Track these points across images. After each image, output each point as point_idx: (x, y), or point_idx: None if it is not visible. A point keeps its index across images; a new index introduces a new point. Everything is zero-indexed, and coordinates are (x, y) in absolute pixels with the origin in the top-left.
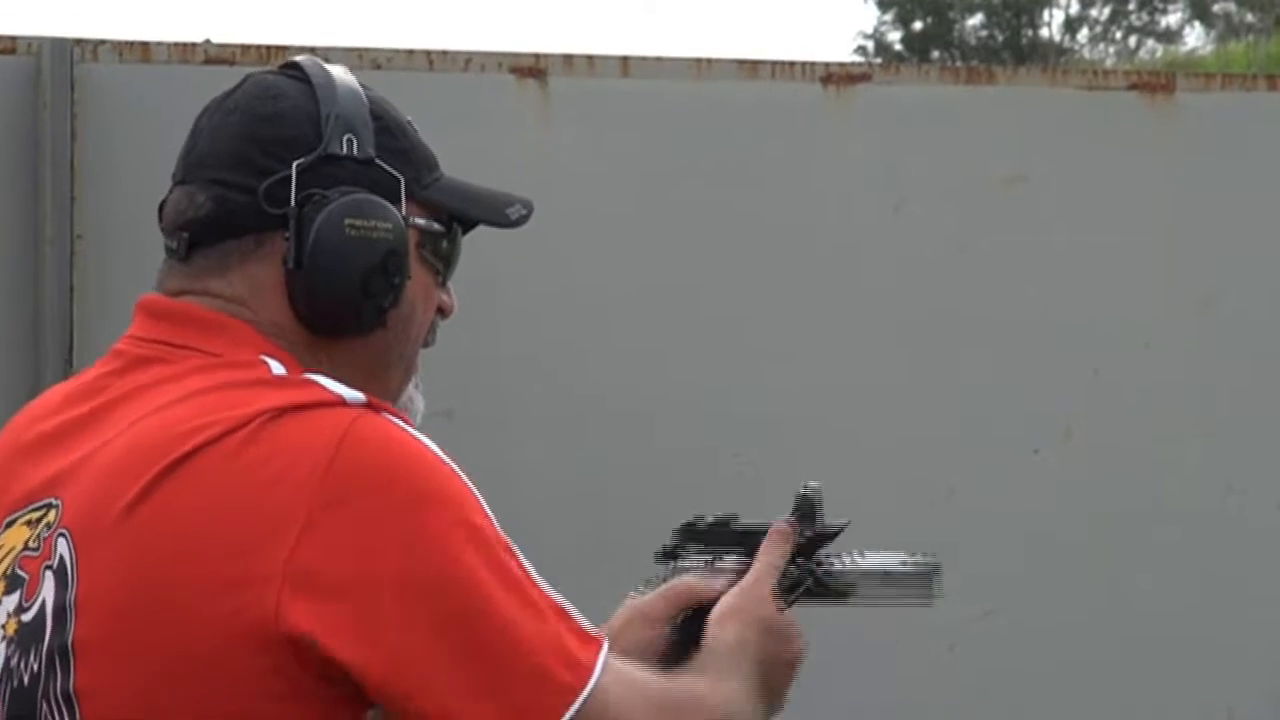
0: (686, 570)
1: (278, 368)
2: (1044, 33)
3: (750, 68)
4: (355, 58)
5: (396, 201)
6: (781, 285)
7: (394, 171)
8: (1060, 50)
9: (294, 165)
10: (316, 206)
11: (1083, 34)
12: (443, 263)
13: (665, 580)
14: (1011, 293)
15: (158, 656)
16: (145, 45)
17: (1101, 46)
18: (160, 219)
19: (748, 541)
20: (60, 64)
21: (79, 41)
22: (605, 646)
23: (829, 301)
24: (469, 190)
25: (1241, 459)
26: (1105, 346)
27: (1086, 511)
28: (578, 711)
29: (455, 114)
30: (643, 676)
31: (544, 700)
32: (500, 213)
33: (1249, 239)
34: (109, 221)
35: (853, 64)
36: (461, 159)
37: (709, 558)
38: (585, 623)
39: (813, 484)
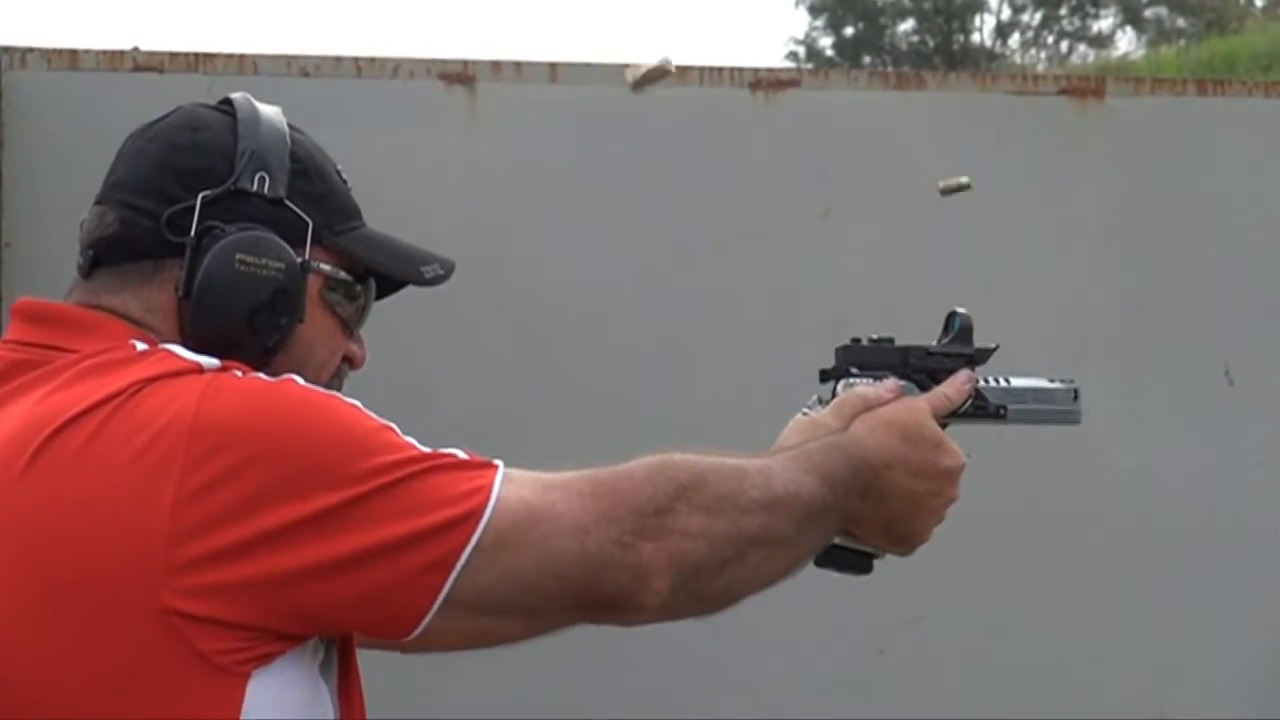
0: (854, 386)
1: (141, 346)
2: (975, 38)
3: (679, 73)
4: (284, 65)
5: (301, 244)
6: (710, 290)
7: (302, 214)
8: (991, 55)
9: (200, 196)
10: (214, 239)
11: (1014, 39)
12: (351, 312)
13: (834, 396)
14: (942, 298)
15: (42, 639)
16: (73, 53)
17: (1033, 52)
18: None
19: (910, 359)
20: None
21: (6, 49)
22: (502, 466)
23: (758, 306)
24: (386, 244)
25: (1174, 463)
26: (1038, 351)
27: (1018, 515)
28: (485, 531)
29: (383, 120)
30: (564, 475)
31: (450, 541)
32: (415, 269)
33: (1180, 243)
34: (37, 229)
35: (781, 69)
36: (390, 165)
37: (871, 376)
38: (478, 457)
39: (961, 309)
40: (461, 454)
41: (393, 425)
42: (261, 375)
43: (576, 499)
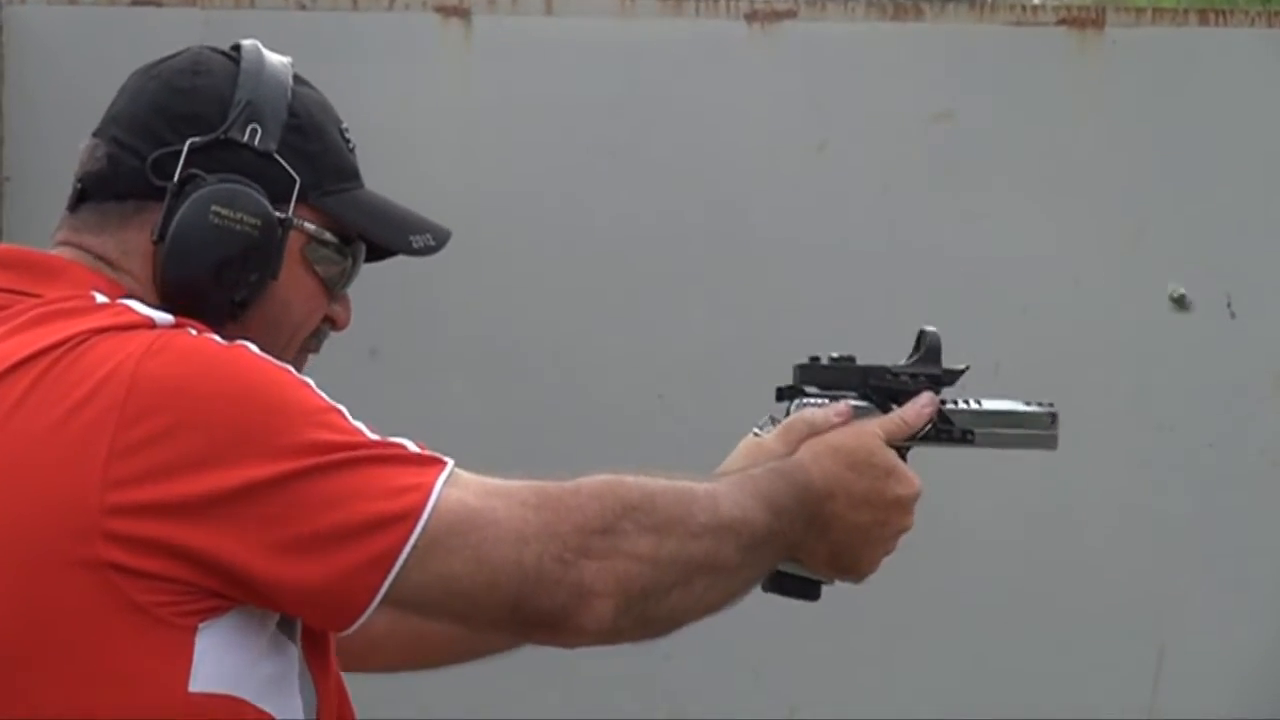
0: (806, 407)
1: (101, 298)
2: None
3: (674, 5)
4: None
5: (286, 201)
6: (704, 224)
7: (291, 170)
8: None
9: (188, 142)
10: (195, 187)
11: None
12: (334, 273)
13: (787, 415)
14: (938, 231)
15: None
16: None
17: None
18: None
19: (870, 379)
20: None
21: None
22: (449, 465)
23: (753, 240)
24: (378, 208)
25: (1171, 396)
26: (1034, 283)
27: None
28: (423, 532)
29: (379, 53)
30: (511, 483)
31: (386, 538)
32: (403, 238)
33: (1178, 175)
34: (36, 163)
35: (778, 0)
36: (385, 97)
37: (828, 397)
38: (427, 452)
39: (931, 327)
40: (411, 446)
41: (341, 408)
42: (215, 337)
43: (519, 508)
